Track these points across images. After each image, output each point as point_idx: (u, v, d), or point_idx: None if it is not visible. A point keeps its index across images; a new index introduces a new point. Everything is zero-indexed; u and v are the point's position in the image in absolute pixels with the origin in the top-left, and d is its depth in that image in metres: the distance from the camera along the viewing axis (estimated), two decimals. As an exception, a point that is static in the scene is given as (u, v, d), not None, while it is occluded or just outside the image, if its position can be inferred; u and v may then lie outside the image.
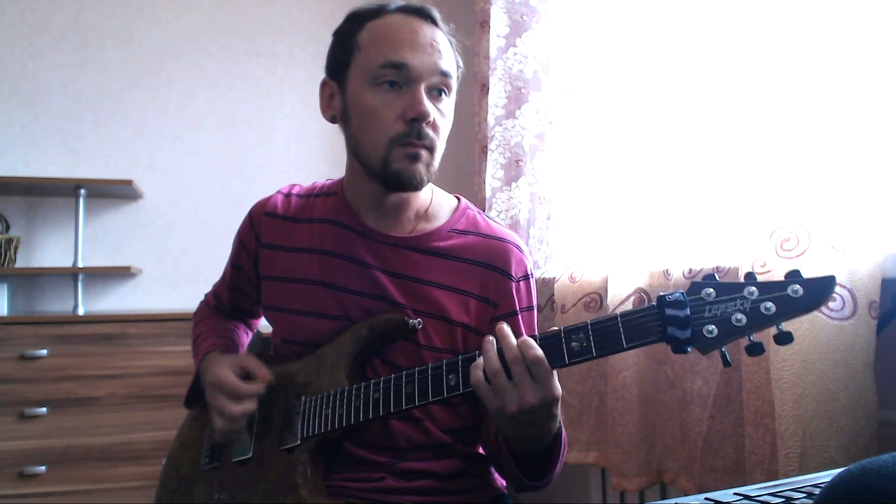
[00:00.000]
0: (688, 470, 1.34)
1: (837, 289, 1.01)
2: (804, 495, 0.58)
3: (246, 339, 1.24)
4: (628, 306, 1.49)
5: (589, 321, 0.78)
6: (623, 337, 0.76)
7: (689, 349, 0.73)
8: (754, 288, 0.72)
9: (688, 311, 0.73)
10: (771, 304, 0.71)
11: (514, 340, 0.79)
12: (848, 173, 1.04)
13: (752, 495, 0.58)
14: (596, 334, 0.77)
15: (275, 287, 1.06)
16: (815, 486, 0.61)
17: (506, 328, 0.81)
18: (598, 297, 1.64)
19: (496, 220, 1.08)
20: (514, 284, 1.01)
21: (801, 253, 1.06)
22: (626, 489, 1.45)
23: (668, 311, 0.74)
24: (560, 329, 0.80)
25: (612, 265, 1.54)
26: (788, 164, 1.11)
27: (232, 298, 1.19)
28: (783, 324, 0.72)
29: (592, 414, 1.63)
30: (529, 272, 1.04)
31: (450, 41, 0.97)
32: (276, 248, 1.06)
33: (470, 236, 1.03)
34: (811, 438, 1.01)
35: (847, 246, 1.02)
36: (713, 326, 0.72)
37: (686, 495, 0.84)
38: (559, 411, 0.84)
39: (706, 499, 0.58)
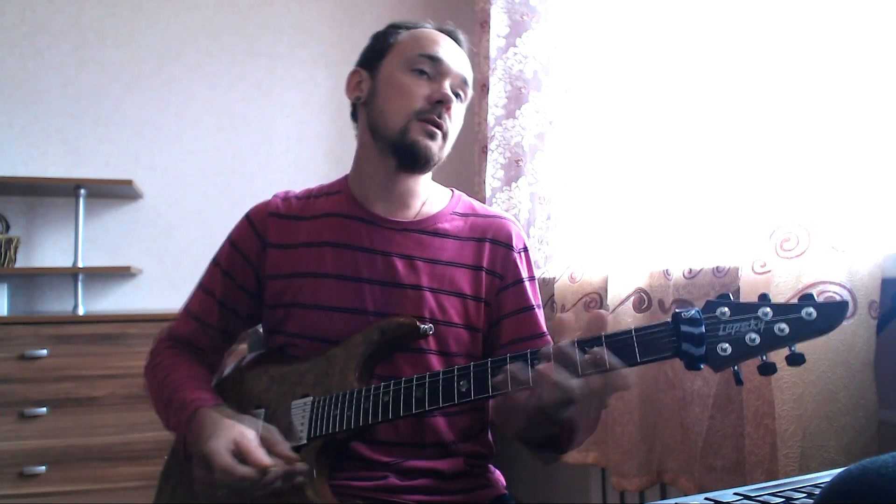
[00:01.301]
0: (688, 470, 1.34)
1: (837, 289, 1.01)
2: (804, 495, 0.58)
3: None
4: (628, 306, 1.49)
5: (603, 334, 0.79)
6: (637, 351, 0.76)
7: (701, 366, 0.74)
8: (768, 309, 0.73)
9: (703, 329, 0.74)
10: (785, 325, 0.72)
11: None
12: (848, 173, 1.04)
13: (752, 495, 0.58)
14: (610, 347, 0.77)
15: (285, 284, 1.05)
16: (815, 486, 0.61)
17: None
18: (598, 296, 1.64)
19: (486, 206, 1.18)
20: (516, 255, 1.09)
21: (801, 253, 1.06)
22: (626, 489, 1.45)
23: (684, 328, 0.75)
24: (574, 341, 0.80)
25: (612, 265, 1.54)
26: (788, 165, 1.11)
27: (221, 318, 1.10)
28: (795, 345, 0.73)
29: (592, 414, 1.63)
30: (526, 245, 1.13)
31: (469, 61, 1.09)
32: (285, 246, 1.07)
33: (470, 218, 1.11)
34: (811, 438, 1.01)
35: (847, 246, 1.03)
36: (727, 345, 0.73)
37: (686, 495, 0.84)
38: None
39: (706, 499, 0.58)
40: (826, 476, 0.62)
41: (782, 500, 0.57)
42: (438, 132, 1.01)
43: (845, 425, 1.00)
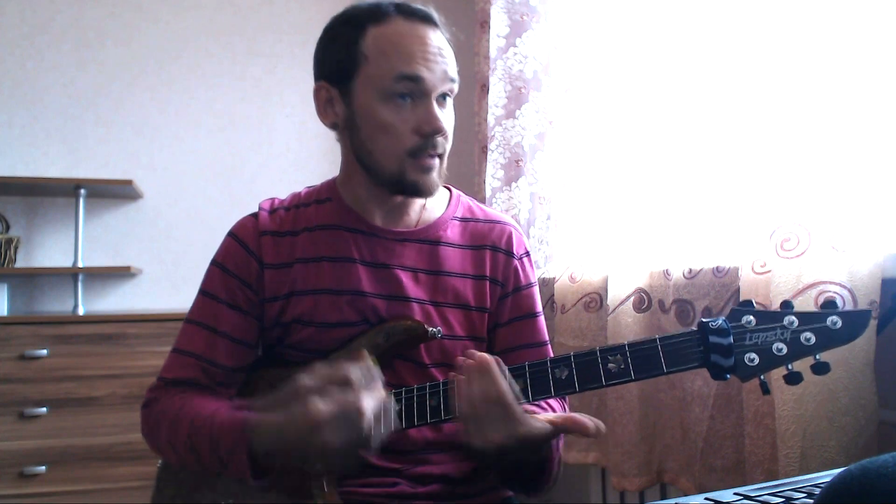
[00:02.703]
0: (688, 470, 1.34)
1: (837, 289, 1.01)
2: (804, 495, 0.58)
3: None
4: (628, 306, 1.49)
5: (626, 343, 0.78)
6: (663, 361, 0.75)
7: (728, 376, 0.74)
8: (794, 318, 0.73)
9: (731, 340, 0.73)
10: (811, 334, 0.72)
11: (476, 383, 0.79)
12: (848, 173, 1.04)
13: (752, 495, 0.58)
14: (634, 356, 0.76)
15: (283, 304, 0.99)
16: (815, 486, 0.61)
17: (469, 362, 0.81)
18: (598, 297, 1.64)
19: (485, 206, 1.13)
20: (516, 262, 1.06)
21: (801, 253, 1.06)
22: (626, 489, 1.45)
23: (713, 339, 0.74)
24: (595, 349, 0.79)
25: (612, 265, 1.54)
26: (788, 165, 1.11)
27: (236, 357, 0.99)
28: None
29: (592, 414, 1.62)
30: (527, 250, 1.09)
31: (449, 42, 0.97)
32: (279, 266, 0.99)
33: (470, 223, 1.06)
34: (811, 438, 1.01)
35: (847, 246, 1.03)
36: (754, 355, 0.73)
37: (686, 495, 0.84)
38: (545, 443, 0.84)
39: (706, 499, 0.58)
40: (826, 476, 0.62)
41: (782, 500, 0.57)
42: (435, 161, 0.94)
43: (845, 425, 1.00)
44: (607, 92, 1.74)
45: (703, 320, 0.75)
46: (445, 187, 1.10)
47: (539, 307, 1.08)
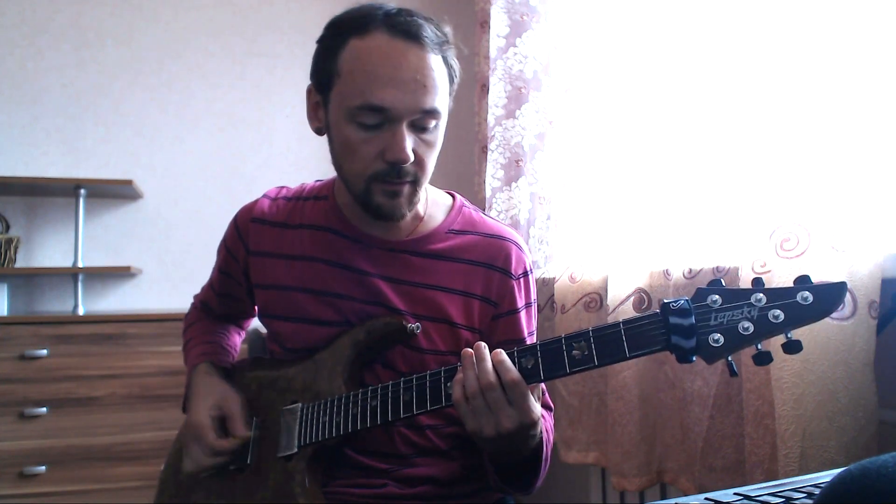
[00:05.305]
0: (688, 470, 1.34)
1: (837, 289, 1.01)
2: (804, 495, 0.58)
3: (238, 339, 1.23)
4: (628, 306, 1.49)
5: (591, 328, 0.77)
6: (626, 345, 0.74)
7: (693, 358, 0.71)
8: (762, 295, 0.70)
9: (692, 320, 0.71)
10: (779, 311, 0.69)
11: (489, 364, 0.78)
12: (847, 173, 1.04)
13: (752, 495, 0.58)
14: (598, 342, 0.75)
15: (269, 295, 1.03)
16: (815, 486, 0.61)
17: (483, 349, 0.80)
18: (598, 297, 1.64)
19: (492, 217, 1.07)
20: (514, 283, 1.01)
21: (801, 253, 1.06)
22: (626, 489, 1.45)
23: (673, 320, 0.72)
24: (561, 336, 0.78)
25: (612, 265, 1.54)
26: (788, 165, 1.11)
27: (221, 304, 1.18)
28: (791, 332, 0.70)
29: (592, 414, 1.63)
30: (528, 268, 1.04)
31: (444, 58, 0.90)
32: (266, 255, 1.03)
33: (468, 235, 1.02)
34: (811, 438, 1.01)
35: (847, 246, 1.02)
36: (719, 335, 0.70)
37: (686, 495, 0.84)
38: (539, 429, 0.83)
39: (706, 499, 0.58)
40: (826, 476, 0.62)
41: (782, 500, 0.56)
42: (403, 188, 0.90)
43: (845, 425, 1.00)
44: (607, 92, 1.74)
45: (665, 301, 0.73)
46: (449, 194, 1.08)
47: (532, 327, 1.05)
